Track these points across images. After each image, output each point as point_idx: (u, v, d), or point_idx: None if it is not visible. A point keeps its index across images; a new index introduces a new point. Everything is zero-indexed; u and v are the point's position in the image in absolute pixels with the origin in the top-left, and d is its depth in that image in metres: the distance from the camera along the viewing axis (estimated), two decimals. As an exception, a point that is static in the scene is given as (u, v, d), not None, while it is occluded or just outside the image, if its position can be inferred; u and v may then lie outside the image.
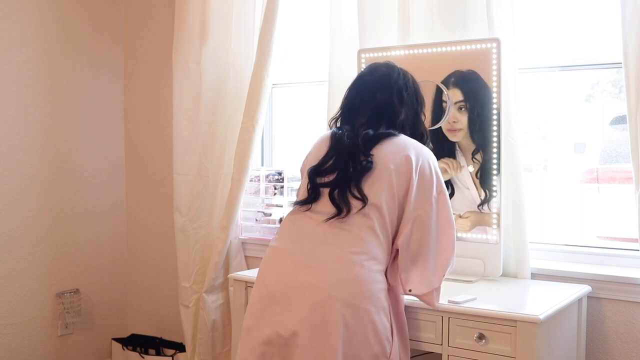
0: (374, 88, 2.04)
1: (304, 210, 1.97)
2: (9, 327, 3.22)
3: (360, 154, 1.93)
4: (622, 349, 2.34)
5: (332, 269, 1.85)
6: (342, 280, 1.83)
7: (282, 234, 2.00)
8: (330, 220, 1.90)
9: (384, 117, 2.00)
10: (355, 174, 1.91)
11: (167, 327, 3.60)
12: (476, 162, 2.41)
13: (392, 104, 2.01)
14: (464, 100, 2.41)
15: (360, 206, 1.88)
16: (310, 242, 1.91)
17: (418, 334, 2.08)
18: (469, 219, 2.41)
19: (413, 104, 2.06)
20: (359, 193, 1.89)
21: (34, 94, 3.28)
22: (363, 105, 2.03)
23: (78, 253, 3.50)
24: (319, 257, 1.87)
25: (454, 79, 2.43)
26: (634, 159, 2.22)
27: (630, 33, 2.19)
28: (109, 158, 3.64)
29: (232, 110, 3.15)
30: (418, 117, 2.08)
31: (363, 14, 2.69)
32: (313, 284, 1.83)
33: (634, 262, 2.41)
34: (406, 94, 2.03)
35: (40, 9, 3.30)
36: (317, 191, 1.95)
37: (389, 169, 1.91)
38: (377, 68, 2.09)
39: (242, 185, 3.04)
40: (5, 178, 3.18)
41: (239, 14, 3.12)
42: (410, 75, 2.10)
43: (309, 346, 1.80)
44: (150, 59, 3.58)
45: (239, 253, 3.20)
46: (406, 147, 1.95)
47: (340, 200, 1.90)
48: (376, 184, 1.91)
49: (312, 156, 2.05)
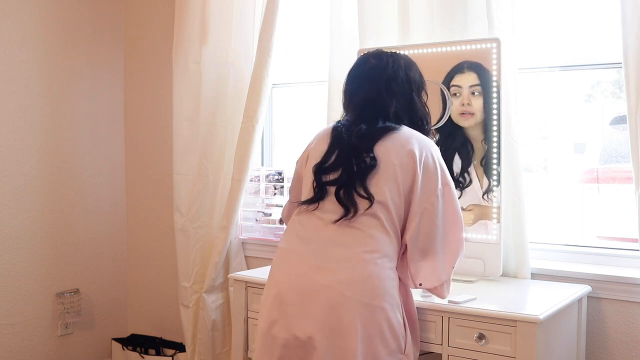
0: (362, 82, 2.03)
1: (312, 209, 1.96)
2: (9, 327, 3.22)
3: (363, 152, 1.92)
4: (622, 349, 2.34)
5: (344, 269, 1.84)
6: (356, 279, 1.83)
7: (291, 235, 1.99)
8: (338, 221, 1.89)
9: (376, 110, 1.98)
10: (359, 172, 1.90)
11: (167, 327, 3.60)
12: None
13: (381, 96, 1.98)
14: (479, 84, 2.38)
15: (367, 205, 1.88)
16: (321, 243, 1.90)
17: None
18: (472, 211, 2.41)
19: (405, 91, 2.01)
20: (365, 192, 1.88)
21: (34, 94, 3.28)
22: (353, 99, 2.02)
23: (78, 253, 3.50)
24: (331, 258, 1.87)
25: (467, 64, 2.40)
26: (634, 159, 2.22)
27: (630, 33, 2.19)
28: (109, 158, 3.64)
29: (232, 110, 3.15)
30: (413, 104, 2.03)
31: (363, 14, 2.69)
32: (326, 285, 1.83)
33: (634, 262, 2.41)
34: (395, 83, 2.00)
35: (40, 9, 3.30)
36: (324, 189, 1.94)
37: (393, 165, 1.91)
38: (366, 60, 2.07)
39: (242, 185, 3.04)
40: (5, 178, 3.18)
41: (239, 14, 3.12)
42: (402, 61, 2.05)
43: (327, 347, 1.81)
44: (150, 59, 3.58)
45: (239, 253, 3.20)
46: (409, 141, 1.94)
47: (347, 200, 1.89)
48: (382, 182, 1.90)
49: (312, 150, 2.04)
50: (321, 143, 2.02)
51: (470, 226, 2.40)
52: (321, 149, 2.00)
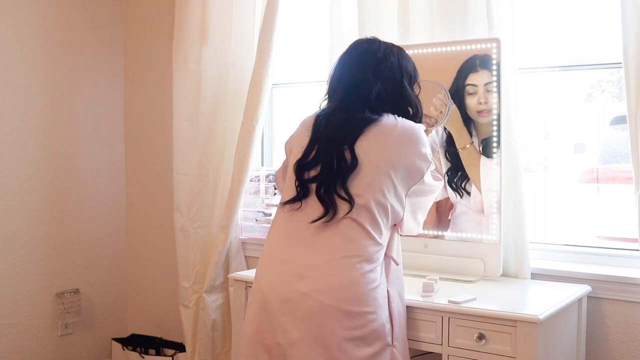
0: (350, 65, 2.01)
1: (295, 208, 1.95)
2: (9, 327, 3.22)
3: (344, 149, 1.90)
4: (622, 349, 2.34)
5: (324, 275, 1.85)
6: (336, 287, 1.83)
7: (274, 236, 1.99)
8: (319, 222, 1.88)
9: (359, 97, 1.95)
10: (340, 171, 1.89)
11: (167, 327, 3.60)
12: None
13: (366, 81, 1.96)
14: (493, 81, 2.36)
15: (347, 209, 1.87)
16: (303, 248, 1.90)
17: (418, 334, 2.08)
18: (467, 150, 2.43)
19: (394, 77, 1.98)
20: (345, 194, 1.87)
21: (34, 94, 3.28)
22: (339, 84, 2.01)
23: (78, 253, 3.50)
24: (311, 265, 1.87)
25: (479, 60, 2.39)
26: (634, 159, 2.22)
27: (630, 33, 2.19)
28: (109, 158, 3.64)
29: (232, 110, 3.15)
30: (404, 90, 2.00)
31: (363, 14, 2.69)
32: (306, 293, 1.84)
33: (634, 262, 2.41)
34: (384, 66, 1.97)
35: (40, 9, 3.30)
36: (306, 187, 1.93)
37: (375, 163, 1.89)
38: (358, 44, 2.06)
39: (242, 185, 3.04)
40: (5, 178, 3.18)
41: (239, 14, 3.12)
42: (395, 49, 2.03)
43: (309, 355, 1.82)
44: (150, 59, 3.58)
45: (239, 253, 3.20)
46: (392, 131, 1.91)
47: (327, 199, 1.88)
48: (364, 182, 1.88)
49: (295, 142, 2.03)
50: (303, 136, 2.00)
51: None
52: (302, 142, 1.98)
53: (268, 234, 2.03)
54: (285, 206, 1.97)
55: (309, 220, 1.90)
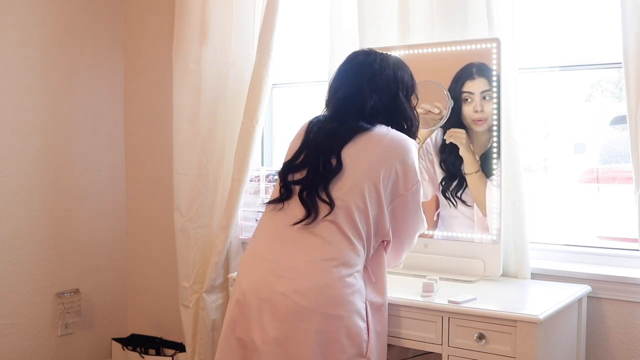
0: (347, 76, 2.03)
1: (279, 209, 1.96)
2: (9, 327, 3.22)
3: (331, 154, 1.91)
4: (622, 349, 2.34)
5: (302, 277, 1.85)
6: (312, 289, 1.84)
7: (258, 235, 2.01)
8: (300, 224, 1.89)
9: (354, 108, 1.97)
10: (324, 175, 1.90)
11: (167, 327, 3.60)
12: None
13: (361, 92, 1.97)
14: (489, 89, 2.36)
15: (327, 211, 1.87)
16: (284, 248, 1.91)
17: (418, 334, 2.08)
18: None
19: (390, 89, 1.99)
20: (327, 197, 1.88)
21: (33, 94, 3.28)
22: (335, 95, 2.02)
23: (78, 253, 3.50)
24: (290, 266, 1.88)
25: (475, 68, 2.38)
26: (634, 159, 2.22)
27: (630, 33, 2.19)
28: (109, 158, 3.64)
29: (232, 110, 3.15)
30: (399, 103, 2.01)
31: (363, 14, 2.70)
32: (282, 293, 1.84)
33: (634, 262, 2.41)
34: (379, 79, 1.98)
35: (40, 9, 3.29)
36: (289, 189, 1.95)
37: (360, 169, 1.90)
38: (355, 56, 2.07)
39: (242, 185, 3.04)
40: (5, 178, 3.18)
41: (239, 14, 3.12)
42: (391, 60, 2.04)
43: (280, 355, 1.83)
44: (150, 59, 3.58)
45: (239, 253, 3.20)
46: (381, 142, 1.93)
47: (309, 202, 1.89)
48: (346, 187, 1.89)
49: (290, 145, 2.06)
50: (297, 139, 2.04)
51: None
52: (294, 147, 2.02)
53: (253, 233, 2.05)
54: (269, 206, 2.00)
55: (290, 221, 1.91)
